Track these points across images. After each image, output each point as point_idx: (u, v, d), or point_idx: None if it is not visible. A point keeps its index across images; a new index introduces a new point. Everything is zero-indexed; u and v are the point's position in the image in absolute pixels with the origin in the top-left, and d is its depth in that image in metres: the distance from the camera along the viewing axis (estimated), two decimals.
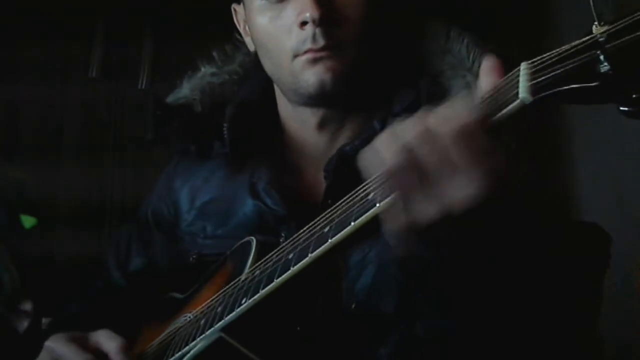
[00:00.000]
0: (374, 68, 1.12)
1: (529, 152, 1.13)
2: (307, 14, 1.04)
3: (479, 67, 1.03)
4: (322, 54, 1.05)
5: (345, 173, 1.02)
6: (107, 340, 1.08)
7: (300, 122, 1.17)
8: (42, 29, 2.81)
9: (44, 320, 1.32)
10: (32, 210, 2.32)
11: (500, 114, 0.68)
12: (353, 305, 0.99)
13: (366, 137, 1.09)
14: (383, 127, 1.09)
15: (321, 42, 1.05)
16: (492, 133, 0.69)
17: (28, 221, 2.28)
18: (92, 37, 2.97)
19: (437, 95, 1.05)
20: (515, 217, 0.99)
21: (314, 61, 1.06)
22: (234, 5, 1.23)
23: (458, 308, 0.87)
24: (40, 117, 2.94)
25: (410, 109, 1.08)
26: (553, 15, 2.75)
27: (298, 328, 0.98)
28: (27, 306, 1.70)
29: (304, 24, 1.05)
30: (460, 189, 0.69)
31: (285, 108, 1.19)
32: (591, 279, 1.04)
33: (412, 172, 0.69)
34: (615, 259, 1.04)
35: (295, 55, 1.07)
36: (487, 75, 0.76)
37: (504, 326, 0.92)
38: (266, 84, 1.20)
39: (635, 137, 2.32)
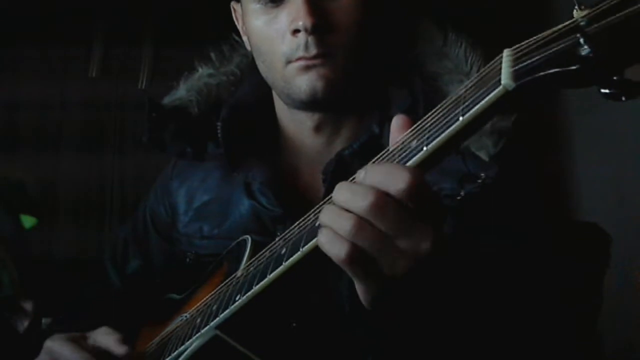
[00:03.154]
0: (369, 71, 1.11)
1: (531, 150, 1.13)
2: (300, 22, 1.03)
3: (477, 71, 1.03)
4: (315, 61, 1.05)
5: (343, 176, 1.02)
6: (105, 337, 1.07)
7: (297, 124, 1.17)
8: (42, 29, 2.82)
9: (44, 320, 1.32)
10: (32, 210, 2.31)
11: (483, 102, 0.68)
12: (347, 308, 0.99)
13: (364, 142, 1.09)
14: (381, 130, 1.09)
15: (313, 51, 1.04)
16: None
17: (28, 221, 2.28)
18: (92, 37, 2.97)
19: (434, 98, 1.04)
20: (515, 217, 0.99)
21: (307, 68, 1.05)
22: (232, 3, 1.22)
23: (457, 309, 0.86)
24: (40, 116, 2.95)
25: (407, 112, 1.08)
26: (553, 19, 2.75)
27: (294, 324, 0.97)
28: (27, 306, 1.70)
29: (296, 31, 1.05)
30: (410, 247, 0.73)
31: (282, 109, 1.19)
32: (591, 278, 1.03)
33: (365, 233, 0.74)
34: (615, 259, 1.04)
35: (288, 61, 1.07)
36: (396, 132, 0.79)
37: (504, 326, 0.91)
38: (263, 84, 1.19)
39: (635, 137, 2.32)
